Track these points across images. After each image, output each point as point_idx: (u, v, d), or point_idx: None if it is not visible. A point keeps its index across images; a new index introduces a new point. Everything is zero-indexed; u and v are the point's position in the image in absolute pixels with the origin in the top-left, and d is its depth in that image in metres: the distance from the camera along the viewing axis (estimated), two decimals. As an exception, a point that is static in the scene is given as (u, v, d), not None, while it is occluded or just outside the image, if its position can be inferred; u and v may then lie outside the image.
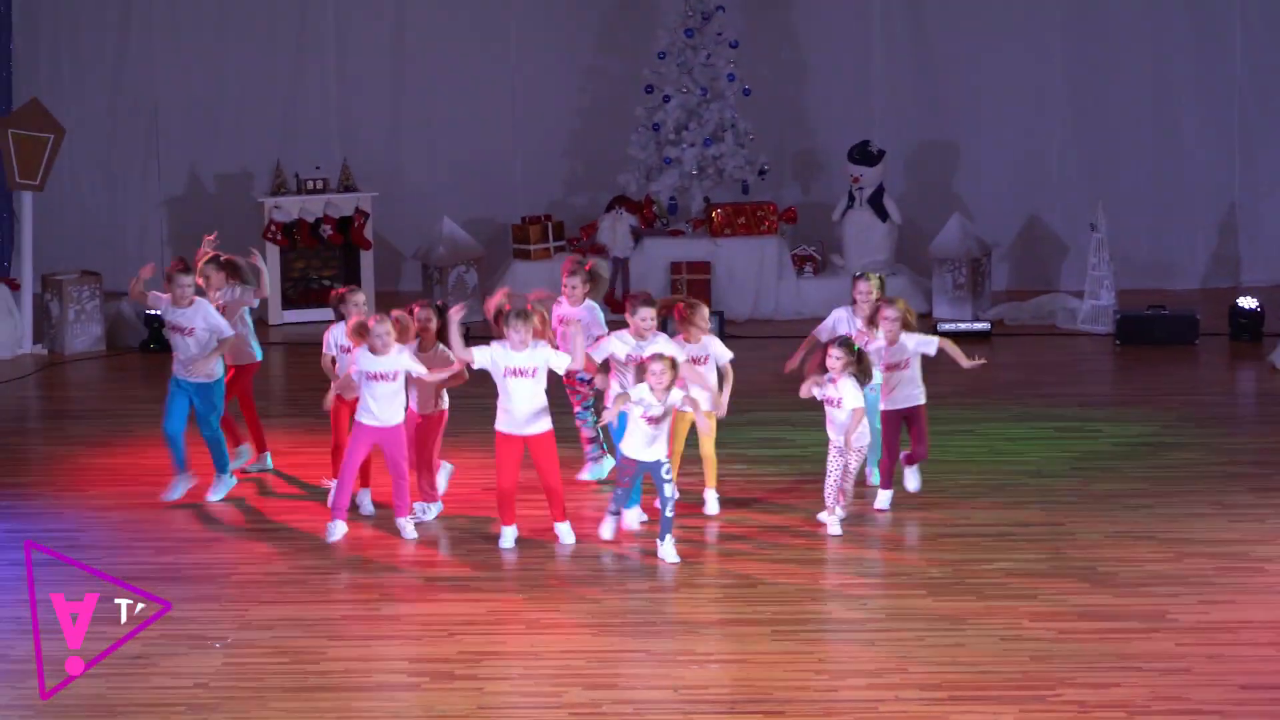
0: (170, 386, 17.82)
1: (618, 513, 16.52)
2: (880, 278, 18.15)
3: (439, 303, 17.94)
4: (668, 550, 16.03)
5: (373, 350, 16.38)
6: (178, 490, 17.97)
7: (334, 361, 17.81)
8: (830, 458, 16.77)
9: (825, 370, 16.56)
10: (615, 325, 17.45)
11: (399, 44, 26.39)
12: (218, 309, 18.17)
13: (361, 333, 16.52)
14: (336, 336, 17.74)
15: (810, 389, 16.74)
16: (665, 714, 13.02)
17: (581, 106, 26.36)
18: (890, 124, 25.85)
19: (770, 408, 20.78)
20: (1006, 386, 21.89)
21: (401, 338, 17.22)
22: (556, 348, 16.71)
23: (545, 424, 16.26)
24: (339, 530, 16.68)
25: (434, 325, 17.42)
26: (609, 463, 18.16)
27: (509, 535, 16.51)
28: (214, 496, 18.02)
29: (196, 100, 26.46)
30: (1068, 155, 26.07)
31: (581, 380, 17.73)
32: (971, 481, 17.83)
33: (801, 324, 24.06)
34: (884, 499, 17.33)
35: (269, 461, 19.03)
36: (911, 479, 17.56)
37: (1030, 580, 15.71)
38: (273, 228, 24.77)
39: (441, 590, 15.82)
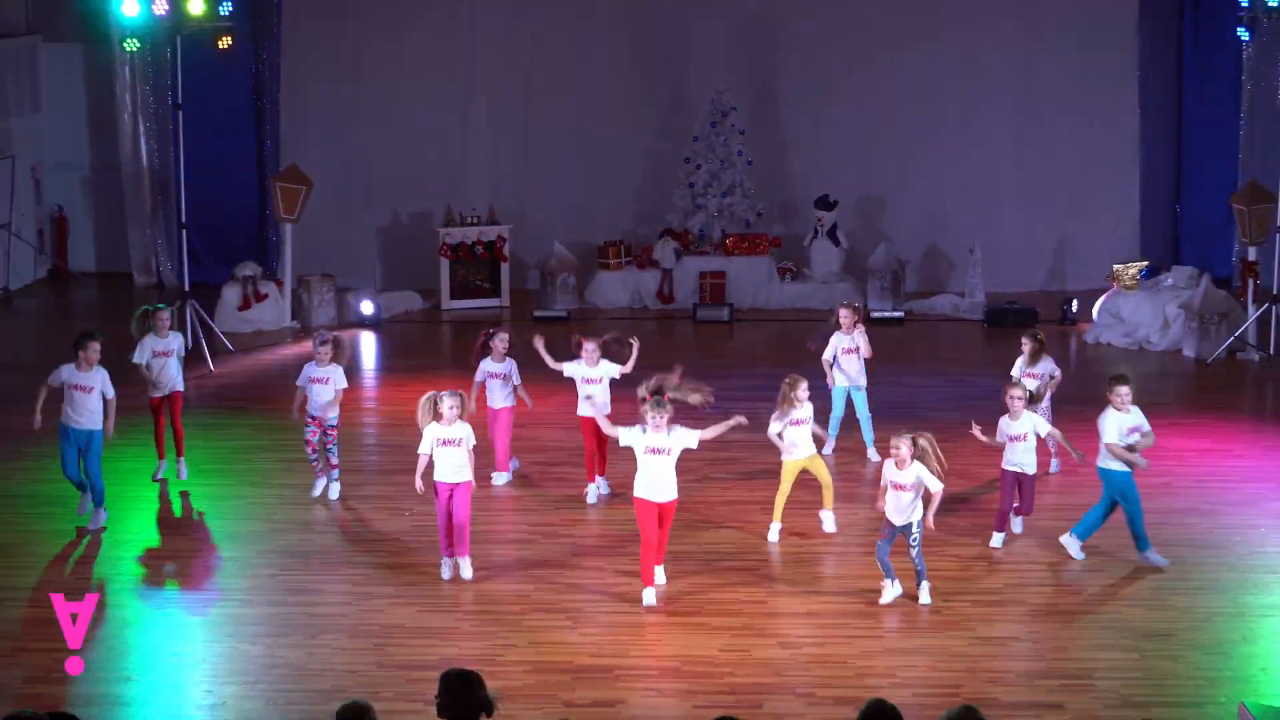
0: (62, 438, 15.18)
1: (892, 577, 13.49)
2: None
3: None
4: (923, 593, 13.46)
5: (439, 420, 13.84)
6: (99, 520, 15.35)
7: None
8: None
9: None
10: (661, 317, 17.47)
11: (529, 129, 26.19)
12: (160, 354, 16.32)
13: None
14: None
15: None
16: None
17: (644, 171, 26.13)
18: (842, 183, 25.49)
19: (771, 368, 21.27)
20: (914, 354, 22.14)
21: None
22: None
23: (674, 492, 13.49)
24: (446, 569, 14.10)
25: (506, 345, 16.27)
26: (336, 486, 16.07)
27: (651, 595, 13.54)
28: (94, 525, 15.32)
29: (398, 160, 26.23)
30: (956, 203, 25.80)
31: (330, 426, 15.78)
32: (888, 415, 17.63)
33: (784, 313, 24.52)
34: (998, 540, 14.81)
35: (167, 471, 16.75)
36: (1017, 525, 14.99)
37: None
38: (445, 247, 24.79)
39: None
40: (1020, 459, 14.61)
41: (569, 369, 16.06)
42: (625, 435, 13.56)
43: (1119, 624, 13.34)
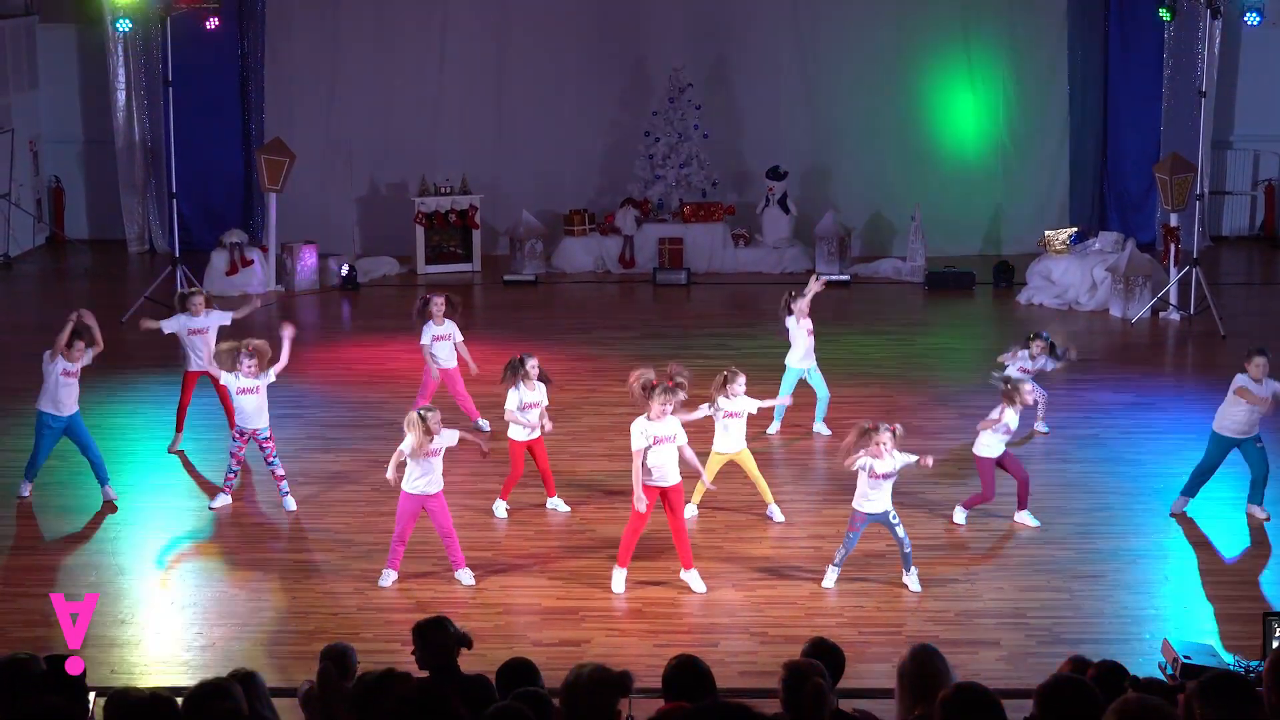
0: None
1: (839, 565, 12.83)
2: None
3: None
4: (913, 581, 12.77)
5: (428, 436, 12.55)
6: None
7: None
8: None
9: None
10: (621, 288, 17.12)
11: (498, 104, 25.93)
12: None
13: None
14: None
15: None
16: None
17: (607, 144, 25.95)
18: (791, 155, 25.34)
19: (721, 328, 21.33)
20: (860, 314, 22.09)
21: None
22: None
23: (678, 476, 12.64)
24: (389, 578, 12.96)
25: (443, 308, 16.12)
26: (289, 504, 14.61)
27: (620, 578, 12.82)
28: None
29: (376, 134, 26.01)
30: (898, 173, 25.64)
31: (264, 438, 14.38)
32: (837, 371, 17.50)
33: (738, 276, 24.42)
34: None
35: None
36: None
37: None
38: (420, 216, 24.62)
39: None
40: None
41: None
42: (635, 439, 12.46)
43: (1051, 567, 13.39)
